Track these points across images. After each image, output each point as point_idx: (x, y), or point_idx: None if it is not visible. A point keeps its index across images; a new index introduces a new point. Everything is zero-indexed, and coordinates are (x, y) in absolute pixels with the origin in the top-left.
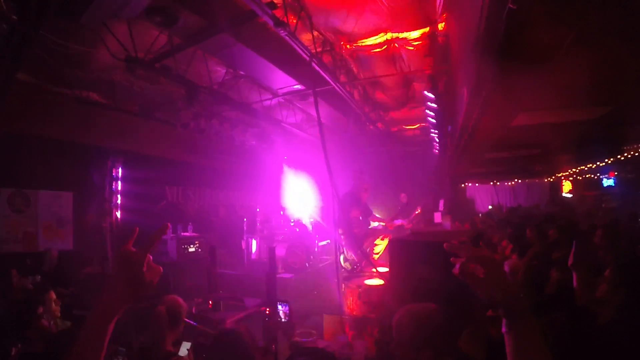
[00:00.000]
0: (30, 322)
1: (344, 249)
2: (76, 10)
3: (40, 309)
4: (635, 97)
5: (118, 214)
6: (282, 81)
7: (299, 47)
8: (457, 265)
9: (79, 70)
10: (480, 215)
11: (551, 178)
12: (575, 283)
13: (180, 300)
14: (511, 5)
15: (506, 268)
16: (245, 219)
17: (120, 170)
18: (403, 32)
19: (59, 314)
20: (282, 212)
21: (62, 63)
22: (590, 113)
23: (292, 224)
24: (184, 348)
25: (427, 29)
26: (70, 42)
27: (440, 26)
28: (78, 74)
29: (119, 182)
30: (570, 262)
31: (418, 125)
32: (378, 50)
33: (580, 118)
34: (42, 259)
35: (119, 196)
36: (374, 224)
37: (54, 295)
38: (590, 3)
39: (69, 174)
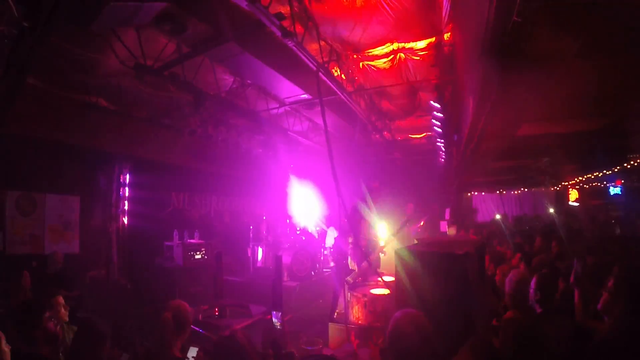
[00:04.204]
0: (37, 324)
1: (349, 258)
2: (87, 17)
3: (47, 313)
4: (638, 107)
5: (125, 219)
6: (289, 90)
7: (306, 57)
8: None
9: (88, 75)
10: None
11: (557, 187)
12: (576, 299)
13: (186, 305)
14: (516, 18)
15: (513, 278)
16: (251, 227)
17: (127, 175)
18: (409, 42)
19: (67, 319)
20: (288, 220)
21: (71, 68)
22: (595, 123)
23: (298, 232)
24: (192, 353)
25: (433, 39)
26: (80, 48)
27: (446, 36)
28: (86, 79)
29: (126, 188)
30: (571, 279)
31: (424, 134)
32: (384, 59)
33: (585, 128)
34: (47, 262)
35: (125, 201)
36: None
37: (62, 300)
38: (594, 15)
39: (76, 178)
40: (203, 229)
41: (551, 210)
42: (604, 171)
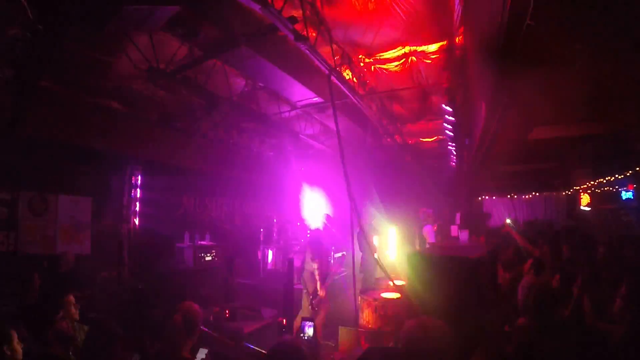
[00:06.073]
0: (50, 323)
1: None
2: (100, 21)
3: (61, 313)
4: None
5: (136, 220)
6: (301, 93)
7: (319, 61)
8: None
9: (101, 78)
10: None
11: (569, 191)
12: (585, 305)
13: (196, 306)
14: (529, 22)
15: (525, 284)
16: (261, 229)
17: (139, 177)
18: (421, 45)
19: (78, 317)
20: (298, 223)
21: (84, 71)
22: (606, 127)
23: (308, 235)
24: (201, 354)
25: (444, 43)
26: (93, 51)
27: (458, 39)
28: (100, 82)
29: (138, 190)
30: (579, 283)
31: (435, 137)
32: (396, 63)
33: (596, 132)
34: (59, 262)
35: (137, 203)
36: None
37: (73, 299)
38: (605, 20)
39: (88, 179)
40: (214, 231)
41: (563, 214)
42: (616, 175)
